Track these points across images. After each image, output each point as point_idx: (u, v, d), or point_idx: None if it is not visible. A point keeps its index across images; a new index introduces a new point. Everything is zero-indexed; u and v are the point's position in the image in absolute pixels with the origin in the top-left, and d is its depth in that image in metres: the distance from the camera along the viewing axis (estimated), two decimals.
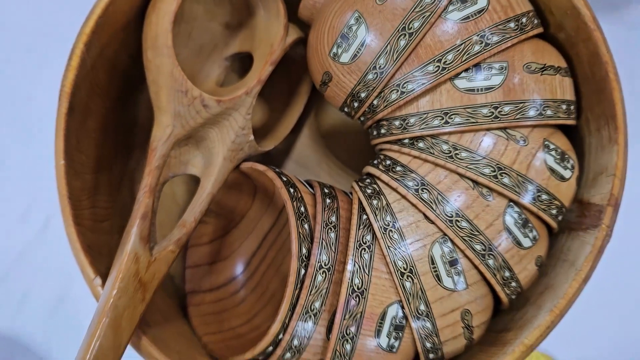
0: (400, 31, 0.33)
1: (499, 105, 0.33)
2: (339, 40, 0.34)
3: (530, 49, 0.34)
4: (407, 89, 0.34)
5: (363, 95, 0.35)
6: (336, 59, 0.35)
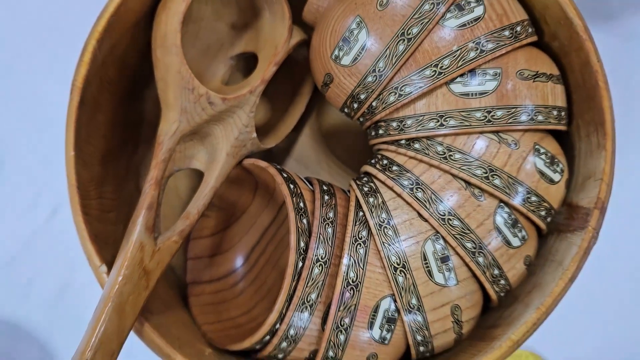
0: (399, 36, 0.33)
1: (492, 110, 0.34)
2: (340, 44, 0.35)
3: (524, 57, 0.34)
4: (405, 92, 0.34)
5: (362, 96, 0.35)
6: (337, 62, 0.35)
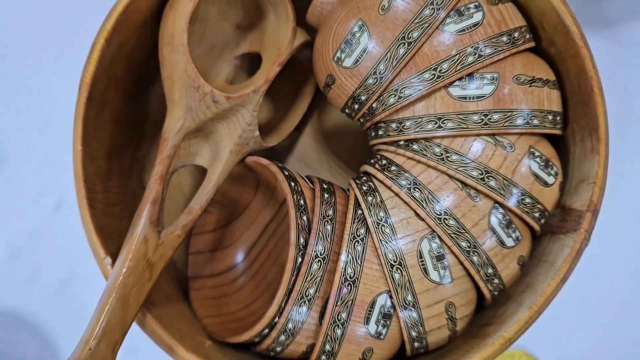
0: (400, 40, 0.34)
1: (488, 113, 0.34)
2: (342, 46, 0.35)
3: (521, 62, 0.35)
4: (405, 94, 0.34)
5: (363, 98, 0.35)
6: (339, 63, 0.35)
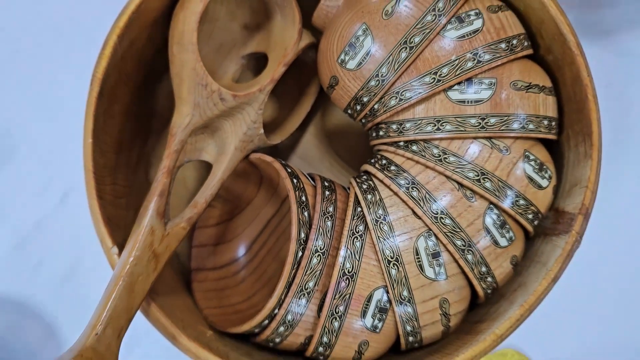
0: (402, 44, 0.34)
1: (486, 117, 0.35)
2: (346, 49, 0.36)
3: (518, 68, 0.35)
4: (405, 97, 0.35)
5: (365, 99, 0.36)
6: (343, 65, 0.36)
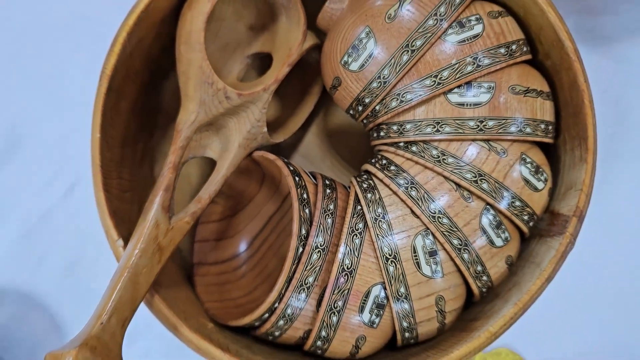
0: (404, 47, 0.35)
1: (484, 120, 0.35)
2: (350, 50, 0.36)
3: (517, 73, 0.36)
4: (406, 99, 0.36)
5: (367, 100, 0.37)
6: (346, 67, 0.36)
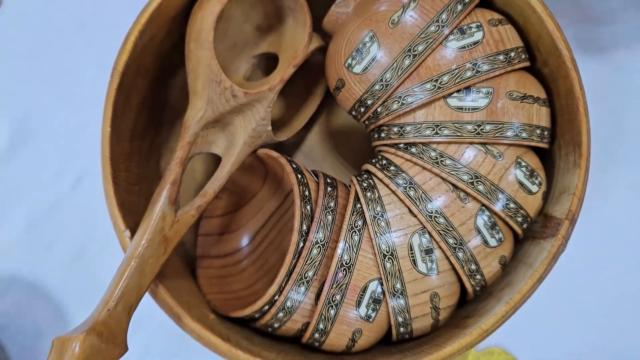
0: (406, 52, 0.36)
1: (481, 124, 0.36)
2: (354, 54, 0.37)
3: (515, 79, 0.37)
4: (407, 102, 0.36)
5: (369, 102, 0.37)
6: (350, 69, 0.37)
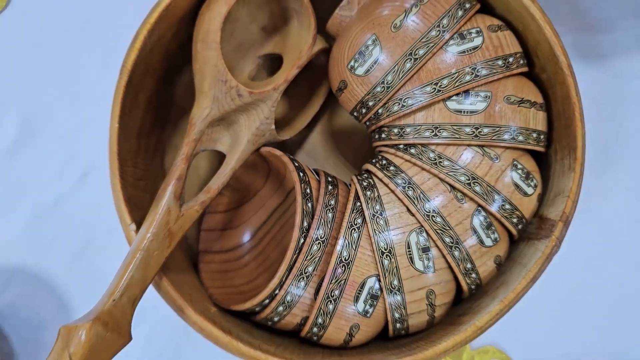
0: (407, 55, 0.36)
1: (479, 127, 0.36)
2: (356, 56, 0.37)
3: (513, 84, 0.37)
4: (407, 104, 0.37)
5: (371, 104, 0.38)
6: (352, 71, 0.38)
